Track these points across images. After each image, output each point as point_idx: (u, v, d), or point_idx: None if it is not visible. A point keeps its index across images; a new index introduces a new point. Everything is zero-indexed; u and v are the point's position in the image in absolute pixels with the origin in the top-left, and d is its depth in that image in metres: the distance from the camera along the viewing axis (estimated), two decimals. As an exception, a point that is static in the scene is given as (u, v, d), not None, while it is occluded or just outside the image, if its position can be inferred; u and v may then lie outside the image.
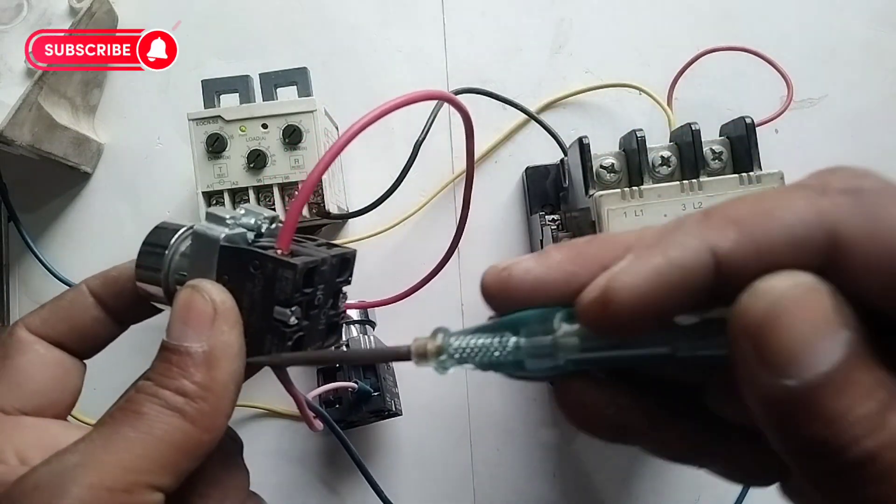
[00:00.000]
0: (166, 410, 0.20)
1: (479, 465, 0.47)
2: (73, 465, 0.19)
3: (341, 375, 0.43)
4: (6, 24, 0.44)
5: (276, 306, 0.21)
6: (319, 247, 0.24)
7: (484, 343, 0.19)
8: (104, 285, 0.25)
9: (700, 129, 0.36)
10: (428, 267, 0.38)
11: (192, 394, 0.20)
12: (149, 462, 0.19)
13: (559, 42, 0.50)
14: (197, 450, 0.20)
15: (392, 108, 0.21)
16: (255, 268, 0.21)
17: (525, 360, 0.18)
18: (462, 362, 0.19)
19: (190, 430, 0.20)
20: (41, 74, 0.43)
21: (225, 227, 0.22)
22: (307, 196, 0.22)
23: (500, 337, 0.18)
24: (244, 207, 0.24)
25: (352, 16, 0.51)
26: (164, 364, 0.21)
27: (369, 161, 0.50)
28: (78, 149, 0.48)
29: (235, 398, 0.21)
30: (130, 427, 0.20)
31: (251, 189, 0.42)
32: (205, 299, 0.21)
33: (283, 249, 0.21)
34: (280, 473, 0.47)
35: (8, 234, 0.50)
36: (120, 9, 0.50)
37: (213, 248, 0.22)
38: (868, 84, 0.49)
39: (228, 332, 0.21)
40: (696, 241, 0.16)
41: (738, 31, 0.49)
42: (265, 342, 0.22)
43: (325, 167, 0.22)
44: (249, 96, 0.44)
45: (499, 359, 0.18)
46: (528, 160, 0.49)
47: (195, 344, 0.21)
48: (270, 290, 0.21)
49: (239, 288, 0.22)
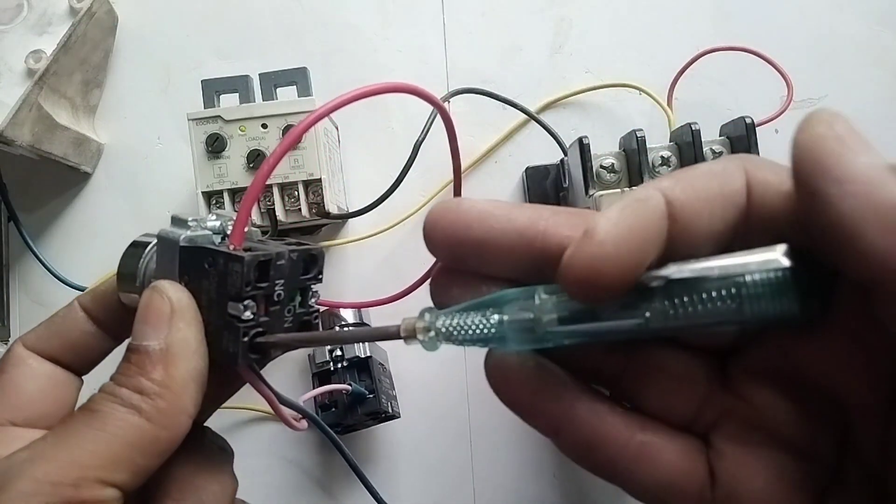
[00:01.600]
0: (121, 408, 0.20)
1: (479, 465, 0.47)
2: (21, 460, 0.19)
3: (336, 378, 0.43)
4: (6, 24, 0.44)
5: (230, 301, 0.21)
6: (286, 245, 0.24)
7: (469, 321, 0.19)
8: (94, 300, 0.26)
9: (700, 129, 0.36)
10: (427, 267, 0.38)
11: (148, 391, 0.20)
12: (100, 458, 0.19)
13: (559, 42, 0.50)
14: (154, 447, 0.20)
15: (359, 97, 0.21)
16: (209, 264, 0.22)
17: (509, 336, 0.19)
18: (449, 340, 0.19)
19: (146, 426, 0.20)
20: (41, 74, 0.43)
21: (186, 230, 0.22)
22: (259, 188, 0.22)
23: (485, 314, 0.19)
24: (216, 213, 0.24)
25: (352, 16, 0.51)
26: (124, 364, 0.21)
27: (369, 161, 0.50)
28: (78, 149, 0.48)
29: (198, 396, 0.21)
30: (84, 424, 0.20)
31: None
32: (162, 298, 0.21)
33: (236, 245, 0.22)
34: (275, 476, 0.47)
35: (8, 234, 0.50)
36: (120, 9, 0.50)
37: (174, 250, 0.22)
38: (868, 84, 0.49)
39: (185, 329, 0.21)
40: (651, 188, 0.17)
41: (738, 31, 0.49)
42: (223, 340, 0.22)
43: (276, 161, 0.22)
44: (249, 96, 0.44)
45: (484, 335, 0.19)
46: (528, 160, 0.49)
47: (153, 342, 0.21)
48: (223, 285, 0.21)
49: (197, 287, 0.22)
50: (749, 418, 0.19)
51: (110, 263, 0.26)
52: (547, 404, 0.20)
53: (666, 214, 0.17)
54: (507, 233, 0.19)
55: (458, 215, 0.19)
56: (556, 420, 0.20)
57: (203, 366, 0.22)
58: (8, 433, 0.24)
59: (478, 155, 0.49)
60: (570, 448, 0.20)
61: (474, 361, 0.48)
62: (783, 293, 0.17)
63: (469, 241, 0.19)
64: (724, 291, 0.17)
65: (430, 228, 0.20)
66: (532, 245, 0.19)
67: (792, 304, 0.17)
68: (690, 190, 0.17)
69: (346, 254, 0.49)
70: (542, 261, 0.19)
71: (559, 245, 0.18)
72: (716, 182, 0.18)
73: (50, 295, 0.49)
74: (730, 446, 0.19)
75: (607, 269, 0.16)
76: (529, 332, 0.19)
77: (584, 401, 0.20)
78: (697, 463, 0.19)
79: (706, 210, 0.17)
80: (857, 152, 0.16)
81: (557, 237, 0.19)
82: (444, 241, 0.20)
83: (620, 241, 0.16)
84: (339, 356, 0.43)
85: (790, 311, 0.17)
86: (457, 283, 0.21)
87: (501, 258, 0.19)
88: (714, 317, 0.17)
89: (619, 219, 0.17)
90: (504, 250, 0.19)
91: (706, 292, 0.17)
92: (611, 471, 0.20)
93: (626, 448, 0.19)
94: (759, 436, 0.19)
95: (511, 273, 0.20)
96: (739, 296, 0.17)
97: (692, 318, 0.17)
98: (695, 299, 0.17)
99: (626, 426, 0.20)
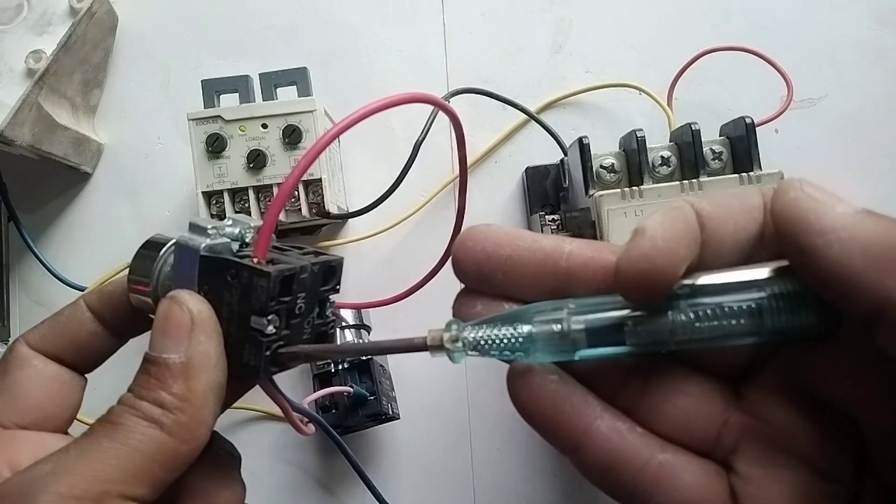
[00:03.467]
0: (143, 421, 0.20)
1: (479, 465, 0.47)
2: (44, 474, 0.19)
3: (337, 380, 0.43)
4: (6, 24, 0.44)
5: (253, 315, 0.21)
6: (305, 255, 0.23)
7: (497, 332, 0.19)
8: (100, 300, 0.26)
9: (700, 129, 0.36)
10: (428, 267, 0.38)
11: (169, 405, 0.20)
12: (122, 472, 0.19)
13: (559, 42, 0.50)
14: (174, 461, 0.20)
15: (375, 110, 0.21)
16: (231, 277, 0.21)
17: (537, 347, 0.19)
18: (476, 350, 0.20)
19: (167, 441, 0.20)
20: (41, 74, 0.43)
21: (206, 238, 0.22)
22: (283, 203, 0.22)
23: (513, 327, 0.19)
24: (231, 218, 0.23)
25: (352, 16, 0.51)
26: (143, 376, 0.21)
27: (369, 161, 0.50)
28: (78, 149, 0.48)
29: (217, 409, 0.21)
30: (106, 437, 0.20)
31: (251, 189, 0.42)
32: (182, 310, 0.21)
33: (260, 257, 0.21)
34: (278, 477, 0.47)
35: (8, 234, 0.50)
36: (120, 9, 0.50)
37: (193, 259, 0.22)
38: (868, 84, 0.49)
39: (206, 343, 0.21)
40: (680, 201, 0.19)
41: (738, 31, 0.49)
42: (244, 352, 0.22)
43: (301, 172, 0.21)
44: (249, 96, 0.44)
45: (511, 346, 0.19)
46: (528, 160, 0.49)
47: (173, 355, 0.21)
48: (247, 298, 0.21)
49: (218, 298, 0.22)
50: (768, 439, 0.19)
51: (110, 263, 0.26)
52: (569, 419, 0.20)
53: (697, 221, 0.19)
54: (534, 252, 0.20)
55: (488, 235, 0.20)
56: (576, 436, 0.20)
57: (222, 378, 0.21)
58: (16, 437, 0.23)
59: (478, 155, 0.49)
60: (590, 466, 0.20)
61: (474, 361, 0.47)
62: (801, 305, 0.18)
63: (497, 258, 0.20)
64: (745, 305, 0.18)
65: (459, 246, 0.21)
66: (557, 264, 0.20)
67: (809, 315, 0.18)
68: (715, 204, 0.19)
69: (346, 254, 0.49)
70: (567, 278, 0.20)
71: (584, 264, 0.20)
72: (737, 200, 0.19)
73: (50, 295, 0.49)
74: (751, 469, 0.19)
75: (659, 263, 0.18)
76: (557, 343, 0.19)
77: (605, 418, 0.20)
78: (718, 485, 0.20)
79: (730, 221, 0.19)
80: (831, 205, 0.17)
81: (582, 257, 0.20)
82: (474, 259, 0.20)
83: (668, 237, 0.18)
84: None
85: (808, 322, 0.18)
86: (481, 301, 0.21)
87: (527, 276, 0.20)
88: (736, 328, 0.18)
89: (662, 220, 0.18)
90: (530, 268, 0.20)
91: (728, 305, 0.18)
92: (630, 492, 0.20)
93: (646, 468, 0.19)
94: (779, 457, 0.19)
95: (534, 292, 0.20)
96: (760, 308, 0.18)
97: (715, 330, 0.18)
98: (717, 312, 0.18)
99: (646, 445, 0.20)
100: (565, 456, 0.20)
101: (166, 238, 0.24)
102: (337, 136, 0.21)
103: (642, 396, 0.21)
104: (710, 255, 0.19)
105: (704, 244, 0.19)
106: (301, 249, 0.24)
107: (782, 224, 0.18)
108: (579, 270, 0.20)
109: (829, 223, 0.17)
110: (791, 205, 0.18)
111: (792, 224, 0.17)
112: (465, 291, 0.22)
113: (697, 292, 0.19)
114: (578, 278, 0.20)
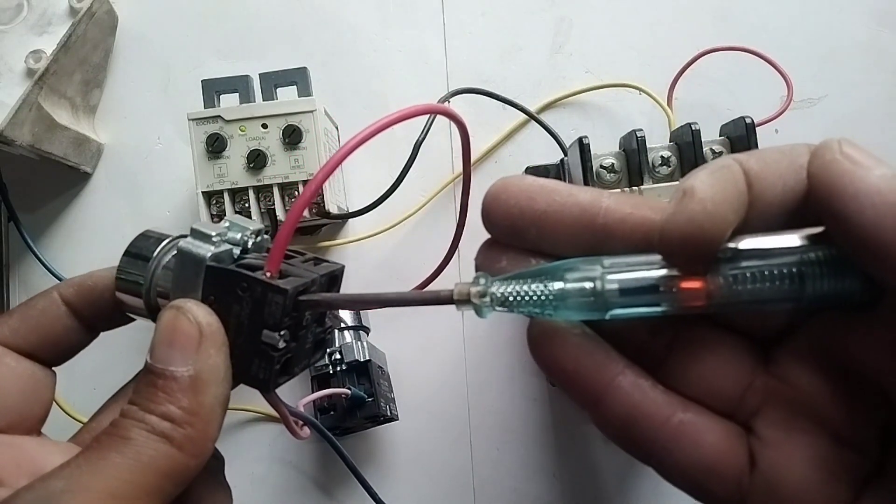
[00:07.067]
0: (153, 436, 0.20)
1: (479, 465, 0.47)
2: (59, 491, 0.18)
3: (335, 382, 0.43)
4: (6, 24, 0.44)
5: (265, 330, 0.21)
6: (307, 262, 0.23)
7: (527, 288, 0.19)
8: (79, 294, 0.24)
9: (700, 129, 0.36)
10: (428, 267, 0.38)
11: (178, 419, 0.20)
12: (135, 488, 0.19)
13: (559, 42, 0.50)
14: (184, 475, 0.20)
15: (390, 124, 0.21)
16: (242, 290, 0.21)
17: (568, 304, 0.19)
18: (503, 305, 0.19)
19: (177, 455, 0.20)
20: (41, 74, 0.43)
21: (211, 246, 0.21)
22: (295, 221, 0.21)
23: (544, 283, 0.19)
24: (229, 220, 0.23)
25: (352, 16, 0.51)
26: (149, 388, 0.20)
27: (369, 161, 0.50)
28: (78, 149, 0.48)
29: (222, 421, 0.21)
30: (117, 453, 0.19)
31: (251, 189, 0.42)
32: (190, 321, 0.21)
33: (272, 272, 0.21)
34: (275, 478, 0.47)
35: (8, 234, 0.50)
36: (120, 9, 0.50)
37: (198, 268, 0.21)
38: (868, 84, 0.49)
39: (215, 356, 0.21)
40: (728, 159, 0.18)
41: (738, 31, 0.49)
42: (252, 365, 0.21)
43: (312, 194, 0.21)
44: (249, 96, 0.44)
45: (541, 302, 0.19)
46: (528, 160, 0.49)
47: (181, 368, 0.20)
48: (259, 313, 0.21)
49: (225, 309, 0.21)
50: (793, 402, 0.19)
51: (110, 263, 0.25)
52: (590, 373, 0.20)
53: (745, 180, 0.18)
54: (570, 206, 0.19)
55: (522, 188, 0.19)
56: (597, 390, 0.19)
57: (229, 391, 0.21)
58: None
59: (478, 155, 0.49)
60: (609, 421, 0.20)
61: (474, 362, 0.48)
62: (845, 272, 0.17)
63: (531, 212, 0.19)
64: (787, 269, 0.18)
65: (491, 199, 0.20)
66: (594, 220, 0.19)
67: (853, 282, 0.17)
68: (763, 163, 0.18)
69: (346, 254, 0.49)
70: (603, 235, 0.19)
71: (621, 220, 0.19)
72: (785, 158, 0.18)
73: (50, 295, 0.49)
74: (772, 432, 0.19)
75: (708, 227, 0.17)
76: (590, 302, 0.18)
77: (627, 374, 0.20)
78: (738, 447, 0.19)
79: (779, 181, 0.18)
80: (869, 168, 0.16)
81: (620, 213, 0.19)
82: (506, 213, 0.20)
83: (718, 199, 0.17)
84: (339, 360, 0.43)
85: (850, 290, 0.17)
86: (507, 256, 0.20)
87: (561, 231, 0.19)
88: (776, 293, 0.18)
89: (712, 181, 0.17)
90: (565, 224, 0.19)
91: (769, 269, 0.18)
92: (648, 449, 0.19)
93: (666, 426, 0.19)
94: (802, 421, 0.19)
95: (568, 248, 0.20)
96: (801, 274, 0.17)
97: (755, 294, 0.18)
98: (758, 276, 0.18)
99: (667, 403, 0.19)
100: (585, 411, 0.20)
101: (159, 234, 0.24)
102: (353, 151, 0.21)
103: (669, 353, 0.20)
104: (756, 217, 0.18)
105: (751, 205, 0.18)
106: (302, 256, 0.24)
107: (817, 187, 0.17)
108: (616, 227, 0.19)
109: (865, 187, 0.16)
110: (826, 167, 0.17)
111: (826, 187, 0.17)
112: (490, 244, 0.21)
113: (739, 255, 0.18)
114: (615, 235, 0.19)
